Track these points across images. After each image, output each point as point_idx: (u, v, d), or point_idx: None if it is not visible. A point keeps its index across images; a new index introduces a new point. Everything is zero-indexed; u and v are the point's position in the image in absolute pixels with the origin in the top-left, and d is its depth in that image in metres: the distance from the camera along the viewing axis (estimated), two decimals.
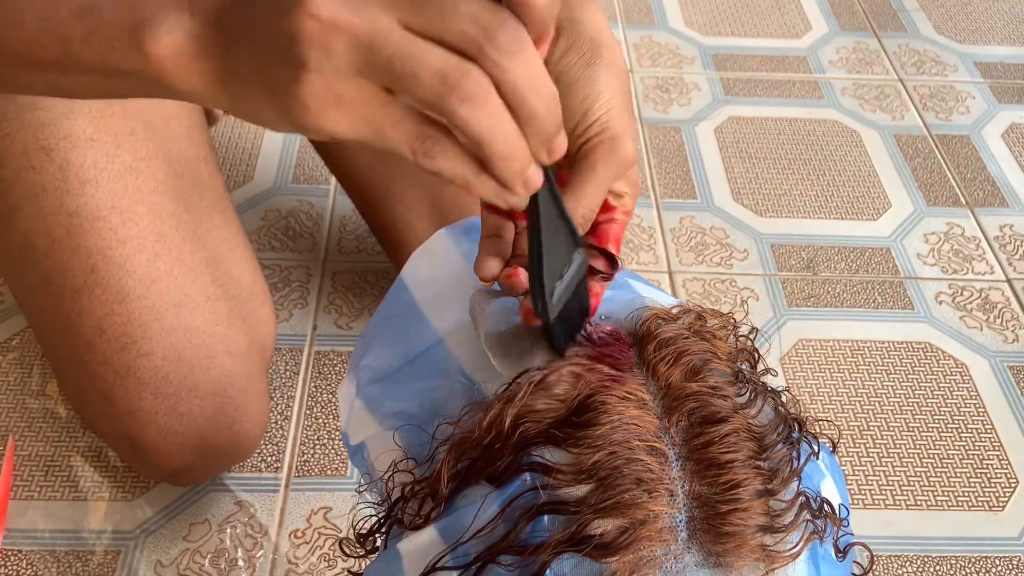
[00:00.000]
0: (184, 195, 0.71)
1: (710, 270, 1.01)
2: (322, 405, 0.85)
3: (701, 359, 0.40)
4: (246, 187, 1.07)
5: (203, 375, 0.67)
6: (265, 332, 0.76)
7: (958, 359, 0.93)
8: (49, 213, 0.65)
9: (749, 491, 0.36)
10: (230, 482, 0.78)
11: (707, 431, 0.37)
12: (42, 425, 0.82)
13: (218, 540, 0.74)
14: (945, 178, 1.15)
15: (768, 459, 0.38)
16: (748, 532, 0.36)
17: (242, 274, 0.74)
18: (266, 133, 1.14)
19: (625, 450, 0.36)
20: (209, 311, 0.69)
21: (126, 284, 0.65)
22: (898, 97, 1.28)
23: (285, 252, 1.00)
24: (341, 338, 0.91)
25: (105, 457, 0.80)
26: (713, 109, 1.23)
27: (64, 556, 0.73)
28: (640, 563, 0.35)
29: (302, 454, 0.81)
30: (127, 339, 0.65)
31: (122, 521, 0.75)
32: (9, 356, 0.87)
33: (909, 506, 0.80)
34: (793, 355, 0.92)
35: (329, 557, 0.74)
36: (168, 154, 0.71)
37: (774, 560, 0.36)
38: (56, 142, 0.65)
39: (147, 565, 0.72)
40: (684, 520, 0.36)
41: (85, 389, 0.68)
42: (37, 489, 0.77)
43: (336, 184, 1.08)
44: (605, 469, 0.36)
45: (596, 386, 0.38)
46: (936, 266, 1.03)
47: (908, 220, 1.09)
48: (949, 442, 0.85)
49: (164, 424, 0.66)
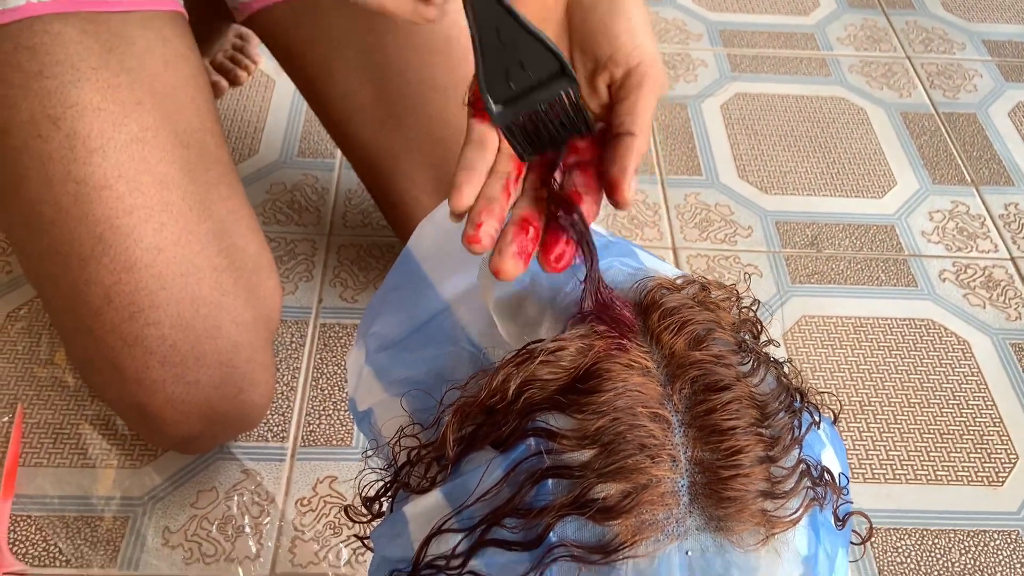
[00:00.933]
0: (190, 166, 0.71)
1: (714, 247, 1.01)
2: (327, 377, 0.86)
3: (705, 328, 0.40)
4: (251, 160, 1.07)
5: (210, 345, 0.67)
6: (271, 304, 0.76)
7: (960, 336, 0.93)
8: (56, 182, 0.65)
9: (750, 457, 0.37)
10: (237, 451, 0.79)
11: (710, 398, 0.37)
12: (50, 393, 0.83)
13: (225, 507, 0.75)
14: (951, 156, 1.15)
15: (770, 427, 0.39)
16: (749, 497, 0.36)
17: (248, 245, 0.75)
18: (272, 106, 1.14)
19: (628, 416, 0.36)
20: (215, 282, 0.69)
21: (133, 253, 0.65)
22: (905, 75, 1.27)
23: (290, 225, 1.00)
24: (346, 311, 0.92)
25: (113, 425, 0.80)
26: (720, 86, 1.23)
27: (73, 522, 0.74)
28: (642, 526, 0.35)
29: (308, 424, 0.81)
30: (135, 308, 0.65)
31: (130, 488, 0.76)
32: (17, 325, 0.88)
33: (909, 480, 0.81)
34: (796, 331, 0.93)
35: (335, 525, 0.74)
36: (175, 125, 0.71)
37: (774, 525, 0.37)
38: (63, 111, 0.65)
39: (155, 531, 0.73)
40: (686, 485, 0.36)
41: (93, 357, 0.68)
42: (46, 456, 0.78)
43: (341, 158, 1.08)
44: (609, 435, 0.36)
45: (601, 354, 0.38)
46: (940, 244, 1.03)
47: (913, 198, 1.09)
48: (950, 418, 0.86)
49: (172, 392, 0.67)
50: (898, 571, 0.75)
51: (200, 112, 0.75)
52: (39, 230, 0.66)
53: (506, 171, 0.44)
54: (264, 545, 0.73)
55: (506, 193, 0.43)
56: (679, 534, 0.36)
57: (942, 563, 0.75)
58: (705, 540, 0.36)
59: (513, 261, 0.42)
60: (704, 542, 0.36)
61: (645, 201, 1.06)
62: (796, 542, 0.38)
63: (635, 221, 1.03)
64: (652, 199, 1.06)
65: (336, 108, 0.83)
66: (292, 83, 0.89)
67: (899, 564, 0.75)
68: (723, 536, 0.36)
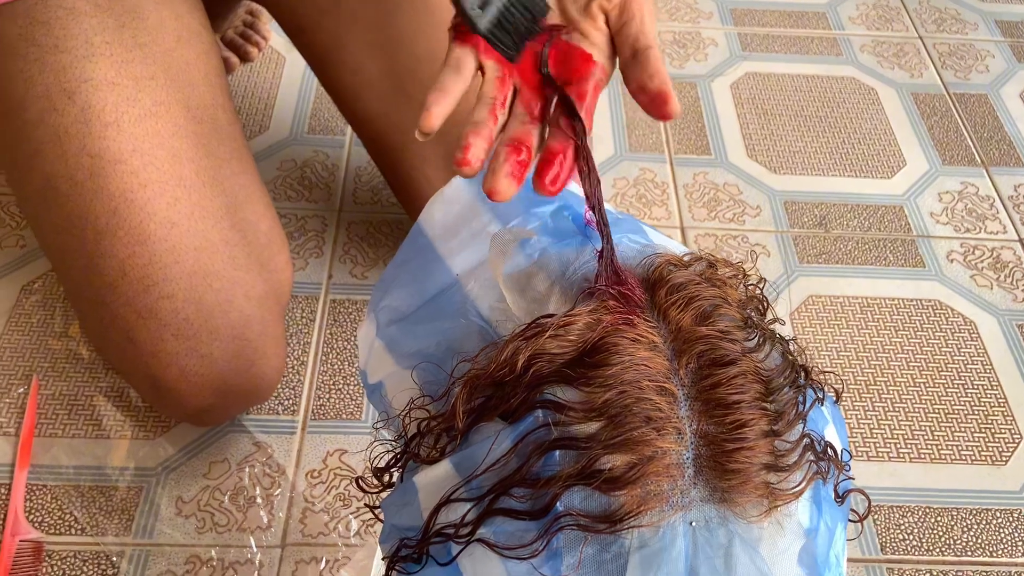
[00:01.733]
0: (203, 140, 0.71)
1: (722, 226, 1.01)
2: (337, 352, 0.87)
3: (711, 304, 0.41)
4: (262, 137, 1.08)
5: (223, 318, 0.68)
6: (282, 279, 0.77)
7: (967, 316, 0.93)
8: (71, 155, 0.65)
9: (755, 431, 0.37)
10: (248, 423, 0.80)
11: (715, 372, 0.38)
12: (65, 366, 0.84)
13: (237, 478, 0.76)
14: (961, 137, 1.14)
15: (774, 401, 0.39)
16: (753, 470, 0.37)
17: (260, 221, 0.75)
18: (282, 83, 1.15)
19: (635, 389, 0.37)
20: (228, 256, 0.70)
21: (148, 227, 0.66)
22: (917, 55, 1.26)
23: (301, 202, 1.01)
24: (356, 287, 0.93)
25: (127, 397, 0.82)
26: (730, 65, 1.23)
27: (88, 491, 0.75)
28: (647, 497, 0.36)
29: (318, 398, 0.83)
30: (149, 281, 0.66)
31: (144, 459, 0.77)
32: (32, 298, 0.89)
33: (913, 459, 0.82)
34: (803, 311, 0.93)
35: (345, 497, 0.76)
36: (187, 100, 0.72)
37: (777, 497, 0.38)
38: (78, 85, 0.66)
39: (168, 500, 0.75)
40: (691, 457, 0.37)
41: (107, 330, 0.69)
42: (61, 427, 0.79)
43: (351, 135, 1.08)
44: (615, 407, 0.37)
45: (608, 328, 0.39)
46: (949, 225, 1.03)
47: (923, 179, 1.09)
48: (955, 397, 0.86)
49: (185, 365, 0.68)
50: (900, 548, 0.76)
51: (213, 88, 0.75)
52: (54, 204, 0.67)
53: (491, 96, 0.45)
54: (275, 516, 0.74)
55: (493, 116, 0.44)
56: (683, 505, 0.36)
57: (944, 540, 0.76)
58: (709, 511, 0.37)
59: (507, 181, 0.43)
60: (708, 513, 0.37)
61: (653, 180, 1.06)
62: (799, 514, 0.39)
63: (643, 200, 1.04)
64: (660, 178, 1.06)
65: (346, 83, 0.84)
66: (302, 59, 0.90)
67: (901, 541, 0.76)
68: (727, 507, 0.37)
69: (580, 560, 0.36)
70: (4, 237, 0.93)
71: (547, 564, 0.36)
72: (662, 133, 1.12)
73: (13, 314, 0.87)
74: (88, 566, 0.71)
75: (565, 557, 0.36)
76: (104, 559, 0.71)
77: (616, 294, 0.40)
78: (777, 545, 0.38)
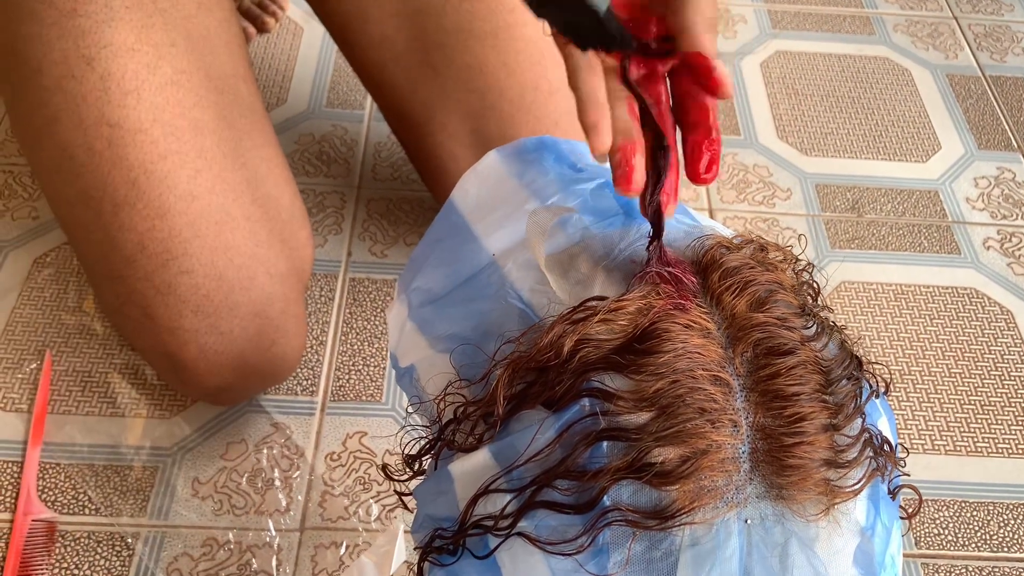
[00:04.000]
0: (224, 111, 0.69)
1: (752, 209, 0.99)
2: (357, 331, 0.85)
3: (767, 290, 0.39)
4: (279, 110, 1.06)
5: (243, 295, 0.66)
6: (303, 255, 0.75)
7: (1003, 305, 0.91)
8: (90, 124, 0.63)
9: (815, 425, 0.35)
10: (266, 404, 0.78)
11: (773, 362, 0.36)
12: (79, 341, 0.82)
13: (255, 460, 0.75)
14: (997, 120, 1.11)
15: (834, 393, 0.37)
16: (812, 466, 0.35)
17: (281, 195, 0.73)
18: (300, 55, 1.12)
19: (688, 379, 0.35)
20: (249, 231, 0.68)
21: (167, 199, 0.64)
22: (952, 35, 1.23)
23: (319, 177, 0.98)
24: (376, 265, 0.91)
25: (142, 375, 0.80)
26: (760, 43, 1.19)
27: (102, 470, 0.74)
28: (701, 492, 0.34)
29: (337, 379, 0.81)
30: (168, 256, 0.64)
31: (160, 438, 0.76)
32: (45, 272, 0.87)
33: (948, 451, 0.79)
34: (835, 297, 0.91)
35: (365, 480, 0.74)
36: (208, 69, 0.69)
37: (836, 495, 0.36)
38: (97, 51, 0.63)
39: (184, 481, 0.73)
40: (747, 451, 0.35)
41: (124, 305, 0.67)
42: (75, 404, 0.78)
43: (371, 109, 1.06)
44: (667, 397, 0.35)
45: (660, 314, 0.37)
46: (985, 211, 1.00)
47: (958, 163, 1.06)
48: (992, 389, 0.84)
49: (204, 343, 0.66)
50: (935, 542, 0.74)
51: (233, 57, 0.73)
52: (71, 174, 0.65)
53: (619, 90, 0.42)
54: (294, 499, 0.73)
55: (634, 116, 0.42)
56: (739, 502, 0.34)
57: (980, 535, 0.74)
58: (765, 508, 0.35)
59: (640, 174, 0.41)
60: (764, 510, 0.35)
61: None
62: (856, 512, 0.37)
63: None
64: None
65: (370, 55, 0.81)
66: (321, 30, 0.88)
67: (936, 536, 0.74)
68: (784, 505, 0.35)
69: (628, 557, 0.34)
70: (16, 208, 0.91)
71: (592, 561, 0.35)
72: None
73: (25, 287, 0.85)
74: (102, 547, 0.69)
75: (612, 554, 0.34)
76: (119, 540, 0.70)
77: (668, 277, 0.38)
78: (833, 544, 0.36)
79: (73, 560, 0.68)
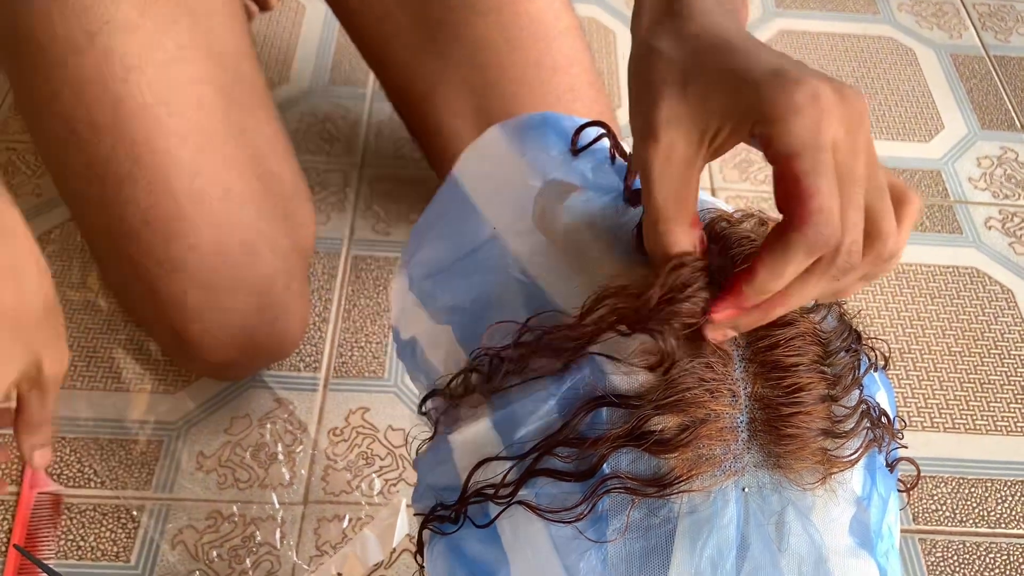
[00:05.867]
0: (227, 88, 0.69)
1: (754, 188, 0.99)
2: (359, 309, 0.85)
3: None
4: (282, 88, 1.05)
5: (247, 271, 0.67)
6: (306, 232, 0.75)
7: (1004, 285, 0.91)
8: (92, 100, 0.63)
9: (813, 395, 0.36)
10: (269, 380, 0.79)
11: (772, 333, 0.36)
12: (83, 317, 0.83)
13: (259, 435, 0.75)
14: (1001, 100, 1.11)
15: (832, 365, 0.38)
16: (810, 435, 0.36)
17: (283, 172, 0.73)
18: (302, 33, 1.12)
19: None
20: (253, 208, 0.68)
21: (171, 175, 0.64)
22: (956, 15, 1.22)
23: (321, 156, 0.99)
24: (379, 243, 0.91)
25: (146, 350, 0.80)
26: (764, 22, 1.19)
27: (107, 444, 0.74)
28: (699, 461, 0.34)
29: (340, 355, 0.81)
30: (172, 231, 0.65)
31: (164, 412, 0.76)
32: (49, 248, 0.87)
33: (947, 428, 0.80)
34: None
35: (367, 455, 0.75)
36: (211, 46, 0.69)
37: (833, 465, 0.36)
38: (100, 26, 0.63)
39: (189, 455, 0.74)
40: (745, 421, 0.35)
41: (128, 281, 0.68)
42: (79, 379, 0.78)
43: (374, 87, 1.06)
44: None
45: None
46: (987, 191, 1.00)
47: (961, 143, 1.06)
48: (991, 367, 0.84)
49: (209, 318, 0.66)
50: (934, 518, 0.74)
51: (236, 35, 0.73)
52: (74, 149, 0.65)
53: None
54: (297, 473, 0.73)
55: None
56: (736, 470, 0.35)
57: (978, 511, 0.75)
58: (763, 477, 0.35)
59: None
60: (761, 479, 0.35)
61: None
62: (852, 483, 0.38)
63: None
64: None
65: (373, 32, 0.81)
66: (323, 8, 0.87)
67: (934, 512, 0.75)
68: (781, 473, 0.35)
69: (627, 524, 0.35)
70: (20, 186, 0.91)
71: (592, 528, 0.35)
72: None
73: None
74: (108, 520, 0.70)
75: (611, 521, 0.35)
76: (124, 512, 0.70)
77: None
78: (830, 513, 0.37)
79: (79, 532, 0.69)
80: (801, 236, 0.32)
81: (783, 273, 0.33)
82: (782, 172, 0.32)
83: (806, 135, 0.32)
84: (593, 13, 1.19)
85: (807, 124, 0.32)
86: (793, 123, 0.32)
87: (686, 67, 0.35)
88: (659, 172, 0.35)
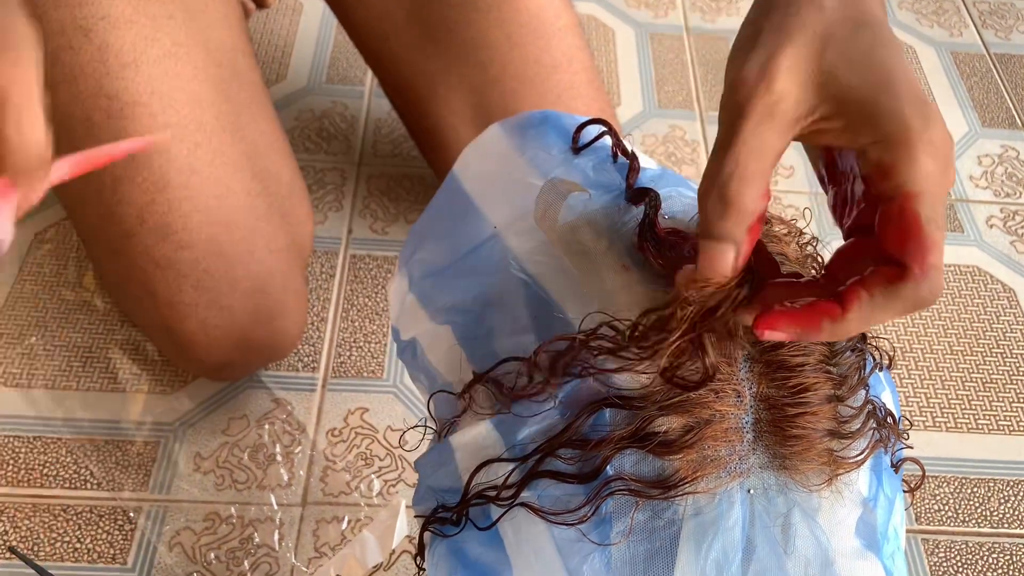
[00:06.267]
0: (223, 85, 0.69)
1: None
2: (358, 308, 0.85)
3: None
4: (279, 86, 1.05)
5: (244, 270, 0.66)
6: (304, 230, 0.74)
7: (1006, 284, 0.91)
8: (87, 96, 0.63)
9: (819, 395, 0.35)
10: (267, 380, 0.78)
11: None
12: (79, 317, 0.82)
13: (256, 435, 0.75)
14: (1002, 99, 1.10)
15: (838, 364, 0.37)
16: (816, 436, 0.35)
17: (281, 170, 0.73)
18: (300, 30, 1.11)
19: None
20: (249, 206, 0.67)
21: (167, 173, 0.64)
22: (957, 13, 1.22)
23: (319, 154, 0.98)
24: (377, 242, 0.90)
25: (143, 350, 0.80)
26: None
27: (103, 445, 0.74)
28: (704, 462, 0.34)
29: (338, 355, 0.81)
30: (168, 230, 0.64)
31: (161, 413, 0.76)
32: (44, 248, 0.87)
33: (949, 428, 0.79)
34: None
35: (366, 456, 0.74)
36: (206, 42, 0.69)
37: (839, 466, 0.36)
38: (95, 22, 0.63)
39: (186, 456, 0.73)
40: (751, 421, 0.35)
41: (124, 280, 0.67)
42: (75, 379, 0.78)
43: (371, 86, 1.05)
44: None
45: None
46: (988, 189, 1.00)
47: (962, 141, 1.05)
48: (993, 366, 0.84)
49: (204, 317, 0.66)
50: (936, 518, 0.74)
51: (232, 30, 0.72)
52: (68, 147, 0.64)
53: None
54: (295, 474, 0.73)
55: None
56: (742, 471, 0.34)
57: (980, 511, 0.74)
58: (768, 478, 0.35)
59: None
60: (767, 480, 0.35)
61: (683, 138, 1.03)
62: (858, 484, 0.37)
63: (673, 158, 1.00)
64: (691, 135, 1.03)
65: (371, 29, 0.81)
66: (321, 5, 0.87)
67: (936, 511, 0.74)
68: (787, 475, 0.35)
69: (631, 527, 0.34)
70: None
71: (595, 531, 0.34)
72: (692, 90, 1.09)
73: (26, 263, 0.85)
74: (104, 521, 0.69)
75: (615, 523, 0.34)
76: (121, 514, 0.70)
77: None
78: (836, 514, 0.36)
79: (75, 534, 0.69)
80: (915, 291, 0.30)
81: (878, 321, 0.31)
82: (899, 209, 0.30)
83: (935, 180, 0.30)
84: (592, 11, 1.18)
85: (939, 168, 0.30)
86: (926, 163, 0.29)
87: (834, 30, 0.31)
88: (756, 122, 0.30)
